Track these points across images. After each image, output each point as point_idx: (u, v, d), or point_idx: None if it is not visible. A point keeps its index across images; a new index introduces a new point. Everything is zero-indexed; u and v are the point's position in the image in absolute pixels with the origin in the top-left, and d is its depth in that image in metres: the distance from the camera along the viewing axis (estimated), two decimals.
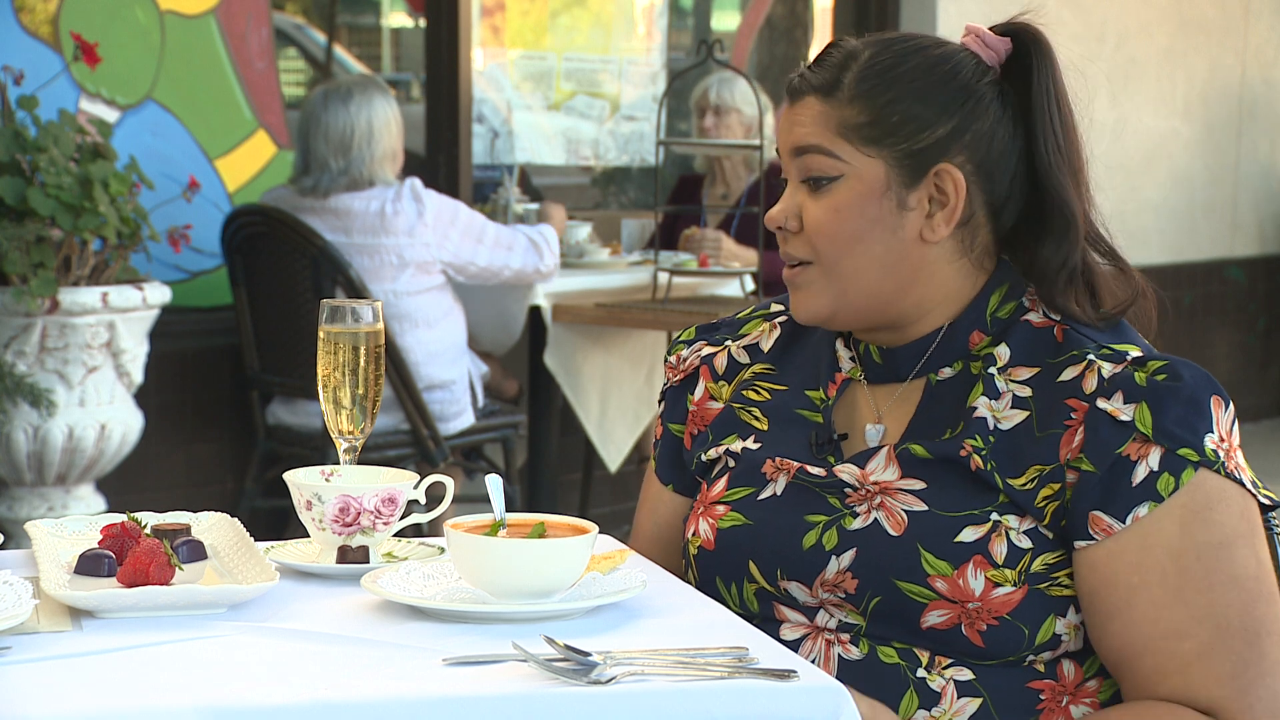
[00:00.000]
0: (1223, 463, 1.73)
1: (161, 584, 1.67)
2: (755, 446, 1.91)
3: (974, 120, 1.83)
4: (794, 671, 1.49)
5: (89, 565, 1.75)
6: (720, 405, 1.99)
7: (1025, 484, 1.77)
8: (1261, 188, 8.18)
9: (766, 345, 2.00)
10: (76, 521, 1.94)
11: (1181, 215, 7.86)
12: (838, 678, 1.55)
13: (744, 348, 2.01)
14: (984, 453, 1.78)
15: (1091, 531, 1.74)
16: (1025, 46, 1.86)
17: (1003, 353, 1.84)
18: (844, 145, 1.83)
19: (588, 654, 1.50)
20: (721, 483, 1.91)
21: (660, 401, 2.06)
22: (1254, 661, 1.71)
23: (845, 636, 1.81)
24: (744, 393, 1.97)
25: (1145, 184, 7.63)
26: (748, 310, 2.05)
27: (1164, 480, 1.72)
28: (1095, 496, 1.74)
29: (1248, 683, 1.70)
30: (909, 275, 1.84)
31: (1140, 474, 1.73)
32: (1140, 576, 1.72)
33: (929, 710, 1.77)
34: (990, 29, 1.89)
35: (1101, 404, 1.75)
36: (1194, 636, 1.71)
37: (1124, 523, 1.72)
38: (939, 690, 1.77)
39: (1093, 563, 1.74)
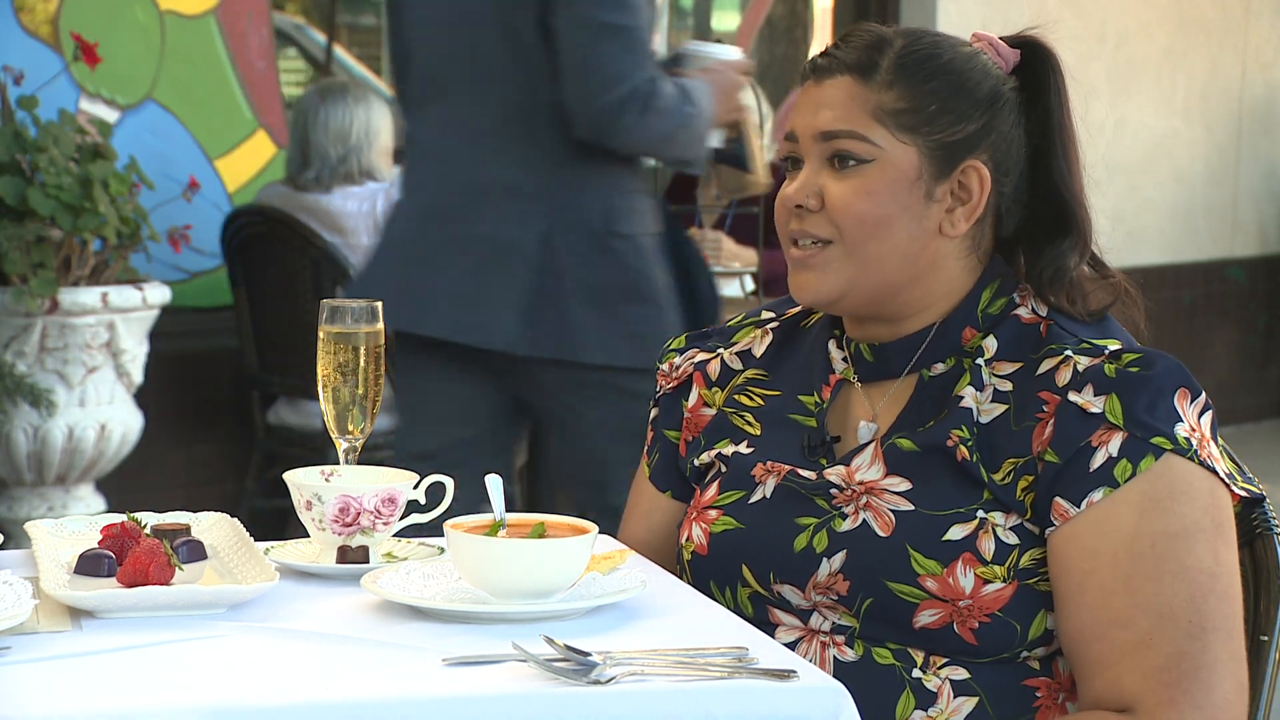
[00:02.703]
0: (1195, 450, 1.73)
1: (161, 584, 1.67)
2: (747, 451, 1.91)
3: (999, 121, 1.85)
4: (794, 671, 1.49)
5: (89, 565, 1.75)
6: (713, 411, 1.99)
7: (1004, 479, 1.77)
8: (1262, 188, 8.17)
9: (759, 351, 2.00)
10: (76, 521, 1.94)
11: (1181, 215, 7.86)
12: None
13: (736, 354, 2.01)
14: (970, 444, 1.79)
15: (1053, 518, 1.74)
16: (1036, 58, 1.88)
17: (990, 345, 1.84)
18: (879, 130, 1.82)
19: (588, 654, 1.50)
20: (713, 488, 1.91)
21: (653, 408, 2.06)
22: (1193, 655, 1.69)
23: (840, 639, 1.81)
24: (737, 398, 1.97)
25: (1145, 184, 7.63)
26: (738, 318, 2.05)
27: (1121, 466, 1.72)
28: (1056, 484, 1.74)
29: (1178, 676, 1.68)
30: (924, 266, 1.84)
31: (1098, 460, 1.73)
32: (1093, 562, 1.72)
33: (925, 710, 1.77)
34: (1001, 39, 1.89)
35: (1073, 397, 1.76)
36: (1135, 625, 1.70)
37: (1079, 507, 1.72)
38: (935, 690, 1.77)
39: (1052, 547, 1.75)
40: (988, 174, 1.83)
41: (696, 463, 1.97)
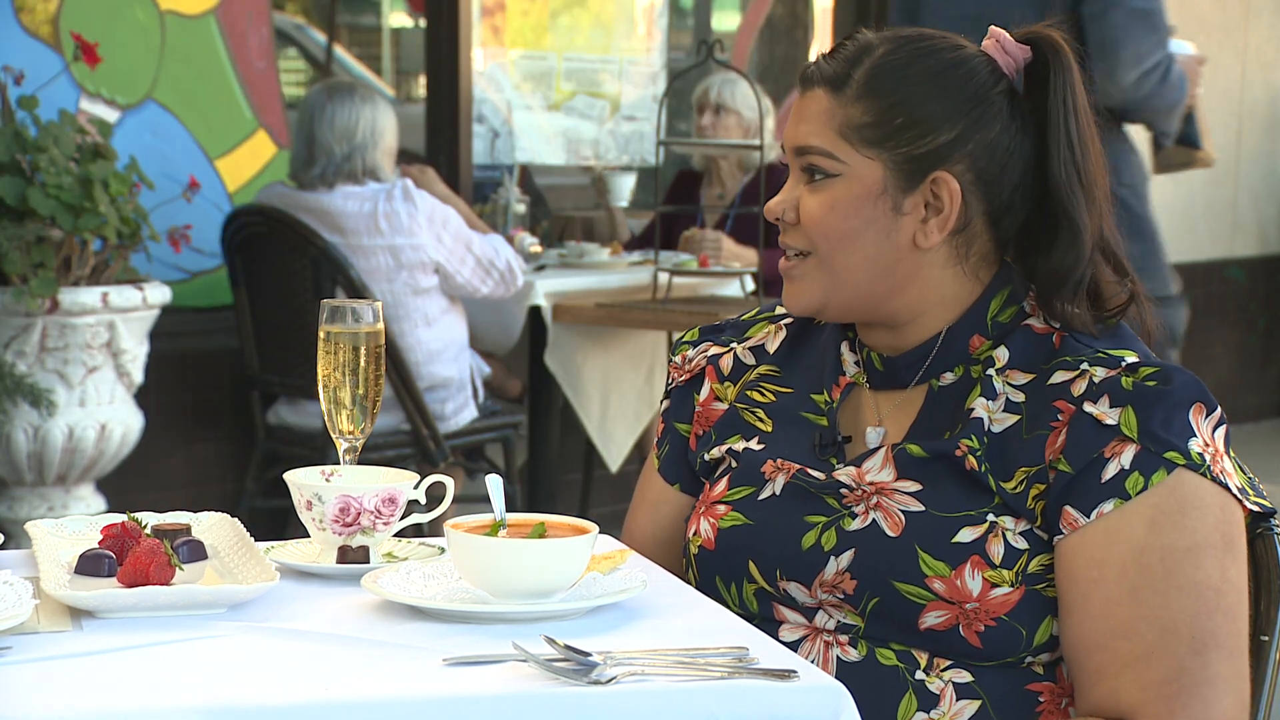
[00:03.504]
0: (1209, 466, 1.73)
1: (161, 584, 1.67)
2: (758, 447, 1.91)
3: (979, 129, 1.82)
4: (794, 671, 1.49)
5: (89, 565, 1.75)
6: (725, 406, 1.98)
7: (1015, 487, 1.77)
8: (1261, 188, 8.18)
9: (772, 347, 1.99)
10: (76, 521, 1.94)
11: (1181, 215, 7.86)
12: (836, 679, 1.55)
13: (750, 349, 2.00)
14: (979, 454, 1.78)
15: (1062, 526, 1.74)
16: (1045, 56, 1.85)
17: (1001, 354, 1.84)
18: (844, 146, 1.82)
19: (588, 654, 1.50)
20: (723, 483, 1.91)
21: (665, 400, 2.06)
22: (1194, 670, 1.69)
23: (844, 638, 1.81)
24: (749, 394, 1.97)
25: None
26: (752, 312, 2.05)
27: (1133, 479, 1.72)
28: (1068, 493, 1.74)
29: (1177, 690, 1.68)
30: (901, 278, 1.84)
31: (1110, 471, 1.73)
32: (1100, 571, 1.72)
33: (928, 713, 1.77)
34: (1012, 34, 1.87)
35: (1088, 407, 1.75)
36: (1139, 637, 1.70)
37: (1089, 517, 1.72)
38: (938, 692, 1.77)
39: (1060, 555, 1.75)
40: (958, 186, 1.81)
41: (706, 457, 1.97)
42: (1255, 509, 1.79)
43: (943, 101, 1.82)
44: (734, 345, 2.02)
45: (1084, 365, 1.79)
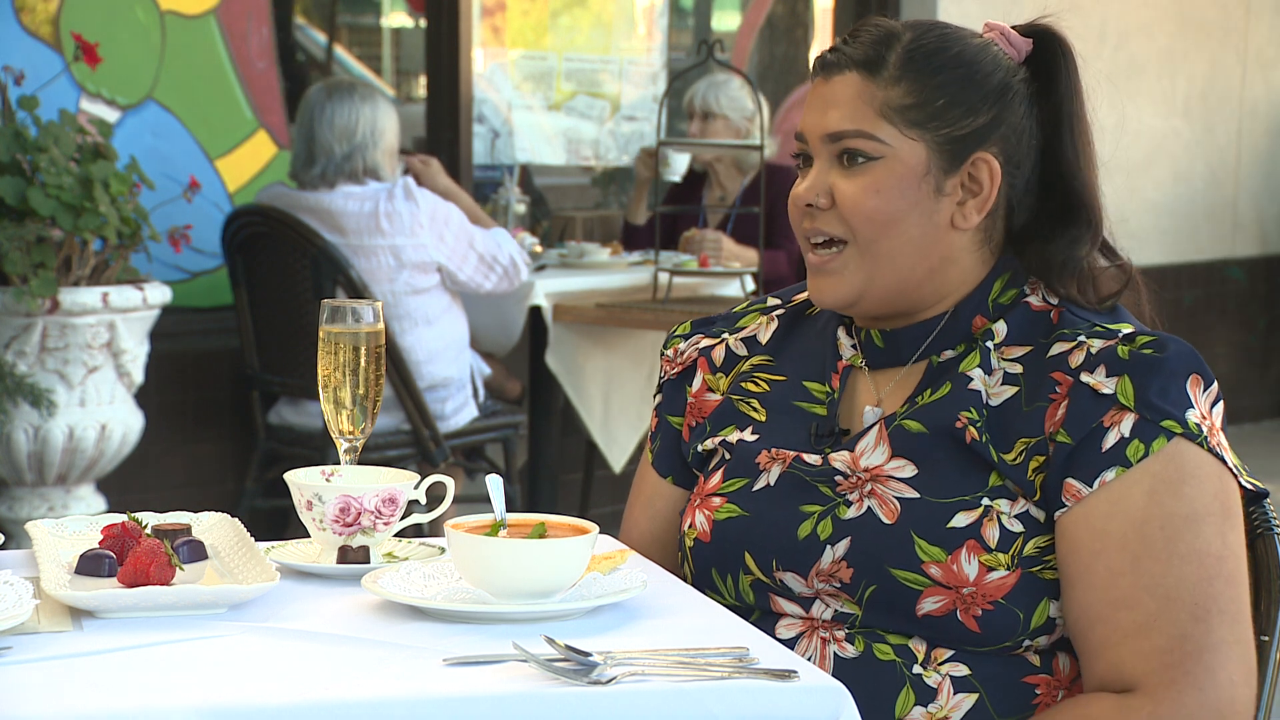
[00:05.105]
0: (1205, 437, 1.74)
1: (162, 584, 1.67)
2: (752, 438, 1.92)
3: (1009, 113, 1.84)
4: (794, 671, 1.49)
5: (89, 565, 1.75)
6: (718, 397, 1.99)
7: (1015, 458, 1.77)
8: (1262, 188, 8.18)
9: (764, 337, 2.00)
10: (77, 521, 1.94)
11: (1182, 215, 7.86)
12: (833, 675, 1.55)
13: (742, 340, 2.01)
14: (979, 425, 1.79)
15: (1064, 499, 1.75)
16: (1049, 48, 1.88)
17: (1000, 329, 1.85)
18: (886, 127, 1.82)
19: (588, 654, 1.50)
20: (717, 475, 1.92)
21: (656, 394, 2.06)
22: (1196, 637, 1.70)
23: (840, 633, 1.81)
24: (742, 384, 1.97)
25: (1145, 184, 7.63)
26: (744, 304, 2.05)
27: (1133, 447, 1.73)
28: (1069, 465, 1.75)
29: (1180, 658, 1.69)
30: (937, 260, 1.85)
31: (1110, 440, 1.73)
32: (1102, 543, 1.73)
33: (925, 707, 1.77)
34: (1014, 28, 1.89)
35: (1085, 378, 1.76)
36: (1141, 607, 1.71)
37: (1091, 487, 1.73)
38: (935, 686, 1.77)
39: (1061, 529, 1.75)
40: (998, 166, 1.83)
41: (700, 449, 1.97)
42: (1249, 488, 1.80)
43: (980, 85, 1.83)
44: (725, 336, 2.02)
45: (1081, 337, 1.80)
